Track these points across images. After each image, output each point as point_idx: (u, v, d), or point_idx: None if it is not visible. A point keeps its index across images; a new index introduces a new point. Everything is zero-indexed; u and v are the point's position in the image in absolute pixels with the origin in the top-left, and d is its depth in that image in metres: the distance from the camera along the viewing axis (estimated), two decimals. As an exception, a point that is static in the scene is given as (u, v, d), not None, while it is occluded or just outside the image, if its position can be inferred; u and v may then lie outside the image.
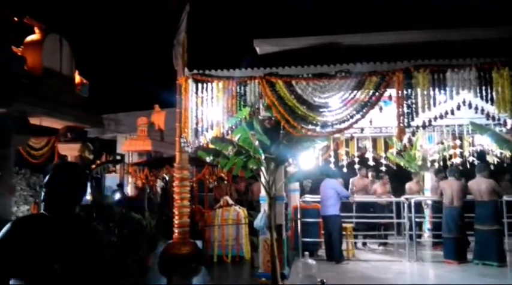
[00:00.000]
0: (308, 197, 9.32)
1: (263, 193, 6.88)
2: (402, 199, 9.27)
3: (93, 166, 11.35)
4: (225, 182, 12.93)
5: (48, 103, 9.51)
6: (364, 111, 5.62)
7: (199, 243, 8.65)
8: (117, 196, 11.45)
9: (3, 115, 8.83)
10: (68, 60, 10.52)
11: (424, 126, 5.98)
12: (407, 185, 10.75)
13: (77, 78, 11.01)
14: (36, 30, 9.92)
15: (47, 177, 2.24)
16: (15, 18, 9.67)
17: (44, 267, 2.06)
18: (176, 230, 7.88)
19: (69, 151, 10.84)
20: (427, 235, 10.50)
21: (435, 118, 5.81)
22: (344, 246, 8.65)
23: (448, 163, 9.49)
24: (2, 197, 8.51)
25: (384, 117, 6.49)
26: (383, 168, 9.93)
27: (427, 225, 10.60)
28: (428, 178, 10.71)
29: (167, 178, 13.63)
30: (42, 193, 2.22)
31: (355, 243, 9.54)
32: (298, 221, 8.69)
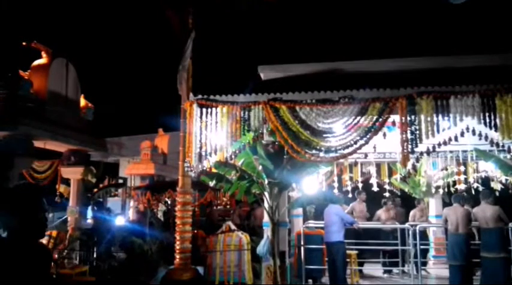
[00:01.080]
0: (311, 223, 9.22)
1: (266, 218, 6.82)
2: (407, 225, 9.16)
3: (96, 189, 11.31)
4: (225, 206, 12.86)
5: (53, 127, 9.55)
6: (367, 136, 5.63)
7: (200, 269, 8.52)
8: (120, 219, 11.38)
9: (8, 138, 8.87)
10: (73, 84, 10.62)
11: (428, 152, 5.99)
12: (412, 213, 10.65)
13: (82, 102, 11.09)
14: (43, 54, 10.05)
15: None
16: (23, 43, 9.82)
17: None
18: (177, 256, 7.77)
19: (72, 174, 10.82)
20: (432, 263, 10.33)
21: (439, 145, 5.82)
22: (348, 274, 8.50)
23: (452, 189, 9.42)
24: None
25: (388, 143, 6.48)
26: (387, 194, 9.85)
27: (432, 252, 10.45)
28: (433, 204, 10.61)
29: (169, 202, 13.56)
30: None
31: (360, 270, 9.39)
32: (302, 248, 8.58)
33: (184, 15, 7.73)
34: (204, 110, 6.51)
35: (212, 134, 6.44)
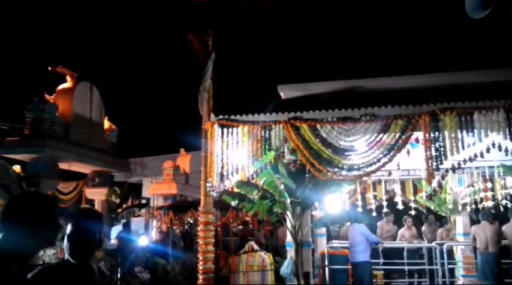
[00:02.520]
0: (335, 243, 9.07)
1: (289, 238, 6.75)
2: (433, 244, 8.93)
3: (120, 210, 11.43)
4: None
5: (78, 149, 9.76)
6: (391, 154, 5.55)
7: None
8: (144, 240, 11.41)
9: (34, 161, 9.10)
10: (97, 106, 10.88)
11: (453, 169, 5.86)
12: (438, 231, 10.39)
13: (106, 124, 11.31)
14: (68, 78, 10.34)
15: (71, 225, 2.26)
16: (49, 68, 10.12)
17: None
18: (200, 276, 7.73)
19: (97, 195, 10.98)
20: (461, 282, 9.99)
21: (464, 161, 5.69)
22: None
23: (480, 206, 9.17)
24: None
25: (412, 160, 6.38)
26: (412, 212, 9.65)
27: (461, 272, 10.12)
28: (460, 222, 10.33)
29: (191, 222, 13.57)
30: (66, 241, 2.23)
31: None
32: (326, 268, 8.43)
33: (204, 37, 7.87)
34: (225, 130, 6.55)
35: (233, 154, 6.46)
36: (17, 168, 9.57)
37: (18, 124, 9.31)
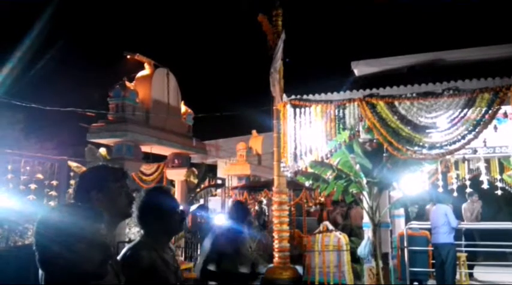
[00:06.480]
0: (415, 224, 8.77)
1: (366, 219, 6.63)
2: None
3: (198, 190, 11.89)
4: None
5: (158, 132, 10.23)
6: (476, 130, 5.21)
7: (299, 269, 8.52)
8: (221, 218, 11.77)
9: (119, 144, 9.69)
10: (174, 91, 11.28)
11: (548, 145, 5.39)
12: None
13: (183, 108, 11.71)
14: (146, 66, 10.79)
15: (149, 205, 2.30)
16: (128, 56, 10.61)
17: None
18: (276, 255, 7.87)
19: (176, 176, 11.49)
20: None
21: (561, 136, 5.21)
22: (457, 277, 7.96)
23: None
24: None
25: (499, 136, 5.94)
26: (498, 192, 9.04)
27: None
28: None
29: (265, 202, 13.78)
30: (148, 221, 2.31)
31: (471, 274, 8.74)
32: (405, 250, 8.19)
33: (274, 17, 7.82)
34: (298, 110, 6.51)
35: (307, 134, 6.41)
36: (103, 152, 10.24)
37: (103, 111, 9.92)
